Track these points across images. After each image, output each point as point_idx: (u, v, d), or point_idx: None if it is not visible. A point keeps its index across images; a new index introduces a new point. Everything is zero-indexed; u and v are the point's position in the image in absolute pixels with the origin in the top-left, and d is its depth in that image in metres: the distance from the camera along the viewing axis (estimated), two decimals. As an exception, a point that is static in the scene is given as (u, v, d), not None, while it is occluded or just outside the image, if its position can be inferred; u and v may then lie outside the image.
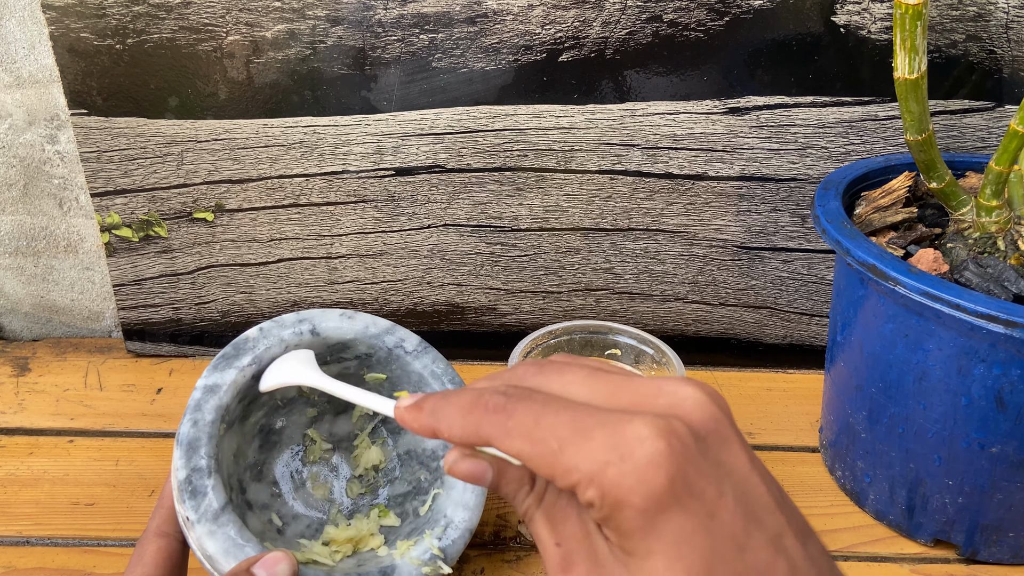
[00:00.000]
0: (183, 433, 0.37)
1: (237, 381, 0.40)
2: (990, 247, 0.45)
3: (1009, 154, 0.43)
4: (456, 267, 0.63)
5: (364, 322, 0.44)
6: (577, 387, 0.26)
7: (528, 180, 0.59)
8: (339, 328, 0.44)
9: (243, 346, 0.41)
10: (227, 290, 0.64)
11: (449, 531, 0.41)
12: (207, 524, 0.35)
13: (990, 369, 0.40)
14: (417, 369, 0.45)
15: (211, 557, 0.35)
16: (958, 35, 0.54)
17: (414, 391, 0.46)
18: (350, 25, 0.54)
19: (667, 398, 0.25)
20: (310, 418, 0.48)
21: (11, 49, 0.58)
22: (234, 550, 0.35)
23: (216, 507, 0.36)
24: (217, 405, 0.39)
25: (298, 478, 0.46)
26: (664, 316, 0.64)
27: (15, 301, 0.69)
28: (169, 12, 0.54)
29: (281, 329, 0.42)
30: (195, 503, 0.36)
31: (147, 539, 0.37)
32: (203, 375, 0.40)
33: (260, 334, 0.42)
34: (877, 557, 0.48)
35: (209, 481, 0.36)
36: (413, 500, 0.45)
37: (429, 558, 0.39)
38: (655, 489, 0.22)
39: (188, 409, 0.38)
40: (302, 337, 0.42)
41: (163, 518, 0.38)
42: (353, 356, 0.46)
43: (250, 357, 0.41)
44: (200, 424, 0.38)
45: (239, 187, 0.60)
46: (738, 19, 0.54)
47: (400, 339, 0.45)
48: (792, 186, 0.59)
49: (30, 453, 0.55)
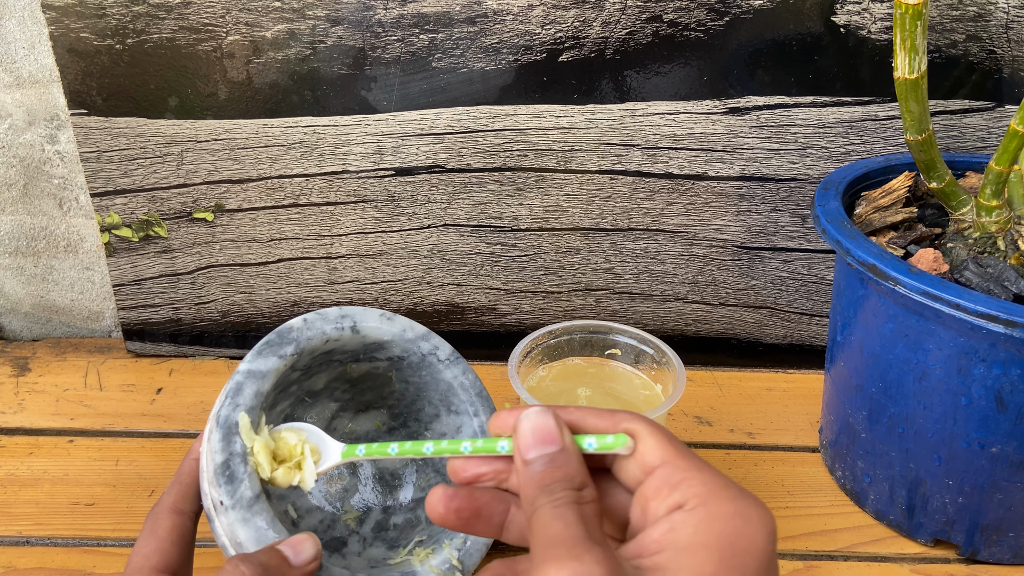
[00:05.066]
0: (223, 416, 0.36)
1: (279, 369, 0.39)
2: (990, 247, 0.45)
3: (1009, 154, 0.43)
4: (456, 267, 0.63)
5: (402, 325, 0.44)
6: None
7: (528, 180, 0.59)
8: (378, 328, 0.44)
9: (287, 335, 0.41)
10: (227, 290, 0.64)
11: (468, 543, 0.41)
12: (241, 511, 0.35)
13: (990, 369, 0.40)
14: (447, 378, 0.45)
15: (241, 544, 0.35)
16: (958, 35, 0.54)
17: (443, 399, 0.46)
18: (350, 25, 0.54)
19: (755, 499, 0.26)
20: (333, 413, 0.48)
21: (11, 49, 0.58)
22: (265, 540, 0.35)
23: (251, 495, 0.35)
24: (257, 391, 0.38)
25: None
26: (664, 316, 0.64)
27: (15, 301, 0.69)
28: (169, 12, 0.54)
29: (324, 322, 0.42)
30: (231, 488, 0.35)
31: (161, 513, 0.36)
32: (246, 360, 0.39)
33: (304, 324, 0.41)
34: (877, 557, 0.48)
35: (246, 468, 0.35)
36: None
37: (448, 568, 0.39)
38: (758, 546, 0.25)
39: (228, 392, 0.37)
40: (343, 332, 0.42)
41: (180, 495, 0.37)
42: (385, 357, 0.45)
43: (293, 347, 0.40)
44: (240, 408, 0.37)
45: (239, 187, 0.60)
46: (738, 19, 0.54)
47: (434, 346, 0.45)
48: (792, 186, 0.59)
49: (30, 453, 0.55)
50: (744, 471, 0.54)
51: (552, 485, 0.27)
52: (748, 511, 0.25)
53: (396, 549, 0.43)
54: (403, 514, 0.46)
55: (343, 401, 0.48)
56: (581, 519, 0.26)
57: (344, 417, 0.48)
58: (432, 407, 0.47)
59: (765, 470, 0.54)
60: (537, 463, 0.27)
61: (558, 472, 0.27)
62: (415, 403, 0.48)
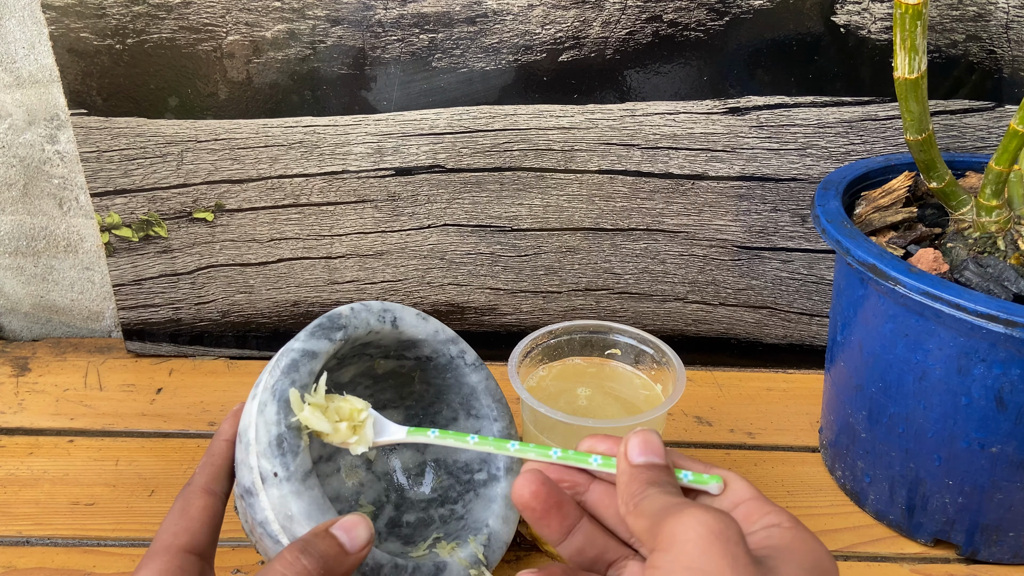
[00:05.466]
0: (280, 389, 0.36)
1: (329, 352, 0.40)
2: (990, 247, 0.45)
3: (1009, 154, 0.43)
4: (456, 267, 0.63)
5: (434, 327, 0.45)
6: None
7: (528, 180, 0.59)
8: (415, 326, 0.44)
9: (337, 320, 0.41)
10: (227, 290, 0.64)
11: (492, 540, 0.42)
12: (296, 484, 0.35)
13: (990, 369, 0.40)
14: (472, 382, 0.46)
15: (292, 517, 0.34)
16: (958, 35, 0.54)
17: (464, 402, 0.47)
18: (350, 25, 0.54)
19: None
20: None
21: (11, 49, 0.58)
22: (316, 514, 0.35)
23: (306, 469, 0.35)
24: (311, 371, 0.38)
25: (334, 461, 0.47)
26: (664, 316, 0.64)
27: (15, 301, 0.69)
28: (169, 12, 0.54)
29: (369, 313, 0.42)
30: (285, 460, 0.35)
31: (194, 493, 0.35)
32: (299, 339, 0.39)
33: (351, 313, 0.42)
34: (877, 557, 0.48)
35: (301, 443, 0.35)
36: (440, 508, 0.46)
37: (475, 561, 0.40)
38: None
39: (283, 369, 0.37)
40: (384, 325, 0.43)
41: (212, 476, 0.36)
42: (414, 357, 0.46)
43: (342, 332, 0.40)
44: (297, 385, 0.37)
45: (239, 187, 0.60)
46: (738, 19, 0.54)
47: (462, 350, 0.46)
48: (792, 186, 0.59)
49: (30, 453, 0.55)
50: (744, 471, 0.54)
51: (660, 481, 0.29)
52: (823, 546, 0.28)
53: (412, 545, 0.44)
54: (416, 512, 0.47)
55: (364, 397, 0.48)
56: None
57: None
58: (451, 410, 0.47)
59: (765, 470, 0.54)
60: (645, 468, 0.30)
61: (663, 476, 0.30)
62: (433, 405, 0.48)
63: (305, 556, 0.31)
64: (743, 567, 0.25)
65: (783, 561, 0.26)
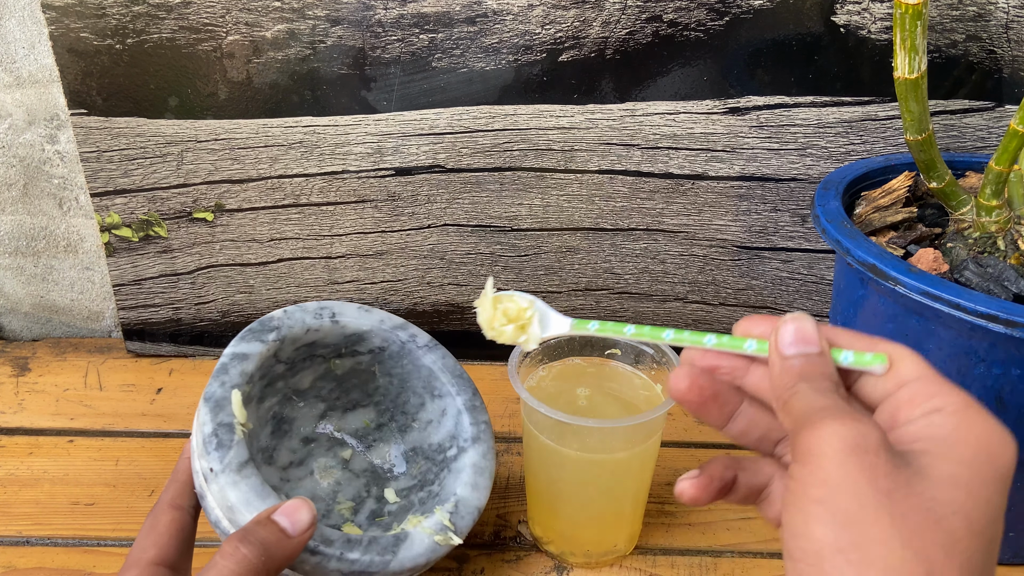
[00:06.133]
0: (210, 392, 0.39)
1: (262, 353, 0.41)
2: (990, 247, 0.45)
3: (1009, 154, 0.43)
4: (456, 267, 0.63)
5: (379, 316, 0.46)
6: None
7: (528, 180, 0.59)
8: (357, 319, 0.45)
9: (268, 323, 0.43)
10: (227, 290, 0.64)
11: (460, 507, 0.42)
12: (231, 474, 0.36)
13: (990, 369, 0.40)
14: (427, 364, 0.47)
15: (232, 507, 0.35)
16: (958, 35, 0.54)
17: (426, 385, 0.47)
18: (350, 25, 0.54)
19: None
20: (320, 412, 0.48)
21: (11, 49, 0.58)
22: (256, 501, 0.35)
23: (240, 460, 0.36)
24: (243, 371, 0.40)
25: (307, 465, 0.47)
26: (664, 316, 0.64)
27: (15, 301, 0.69)
28: (169, 12, 0.54)
29: (304, 313, 0.44)
30: (220, 454, 0.36)
31: (161, 510, 0.37)
32: (231, 345, 0.41)
33: (284, 315, 0.43)
34: (877, 557, 0.48)
35: (234, 436, 0.37)
36: (419, 492, 0.46)
37: (440, 528, 0.40)
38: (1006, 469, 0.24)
39: (215, 373, 0.39)
40: (323, 322, 0.44)
41: (177, 491, 0.38)
42: (367, 350, 0.47)
43: (275, 334, 0.42)
44: (227, 386, 0.39)
45: (239, 187, 0.60)
46: (738, 19, 0.54)
47: (412, 335, 0.47)
48: (792, 186, 0.59)
49: (30, 453, 0.55)
50: (744, 471, 0.54)
51: (812, 375, 0.27)
52: (1000, 428, 0.25)
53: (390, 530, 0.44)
54: (397, 501, 0.47)
55: (330, 400, 0.49)
56: (846, 401, 0.26)
57: (332, 416, 0.49)
58: (417, 396, 0.48)
59: (765, 470, 0.54)
60: (796, 360, 0.28)
61: (816, 369, 0.28)
62: (400, 396, 0.49)
63: (244, 544, 0.32)
64: (883, 477, 0.23)
65: (938, 457, 0.24)
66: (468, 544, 0.48)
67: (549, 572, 0.47)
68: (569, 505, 0.45)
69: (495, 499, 0.51)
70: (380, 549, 0.37)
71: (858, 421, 0.25)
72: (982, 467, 0.24)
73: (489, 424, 0.46)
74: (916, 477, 0.24)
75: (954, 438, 0.25)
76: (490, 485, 0.44)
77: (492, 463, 0.44)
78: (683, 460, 0.55)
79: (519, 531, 0.49)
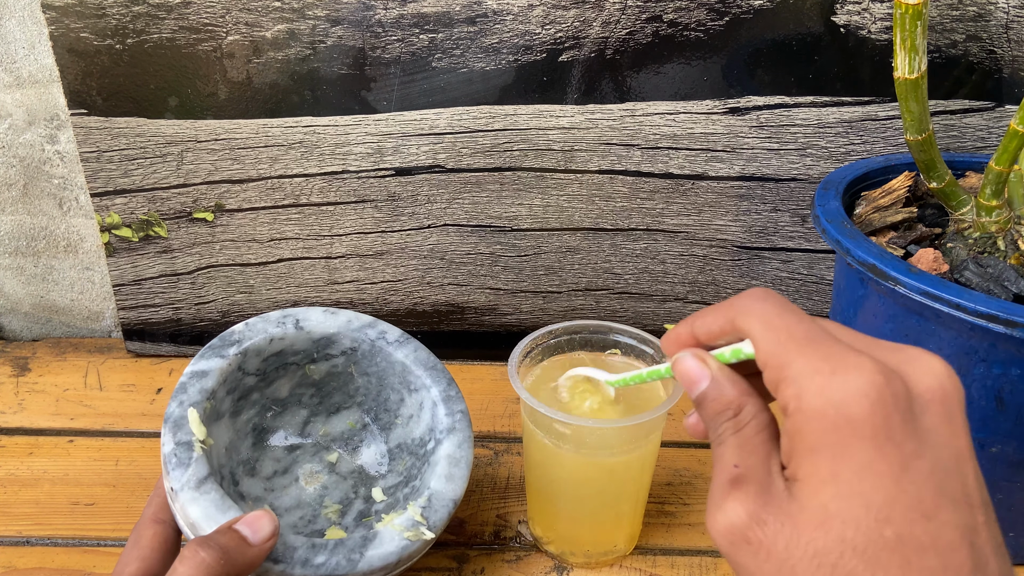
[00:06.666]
0: (169, 412, 0.39)
1: (223, 368, 0.42)
2: (990, 247, 0.45)
3: (1009, 154, 0.43)
4: (456, 267, 0.63)
5: (346, 317, 0.46)
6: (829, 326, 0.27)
7: (528, 180, 0.59)
8: (322, 323, 0.46)
9: (229, 338, 0.43)
10: (227, 290, 0.64)
11: (432, 501, 0.41)
12: (190, 492, 0.36)
13: (990, 369, 0.40)
14: (400, 358, 0.47)
15: (194, 524, 0.36)
16: (958, 35, 0.54)
17: (399, 381, 0.47)
18: (350, 25, 0.54)
19: (904, 356, 0.25)
20: (304, 419, 0.48)
21: (11, 49, 0.58)
22: (217, 515, 0.36)
23: (199, 477, 0.37)
24: (202, 388, 0.40)
25: (292, 472, 0.47)
26: (664, 316, 0.64)
27: (15, 301, 0.69)
28: (169, 12, 0.54)
29: (266, 324, 0.45)
30: (179, 473, 0.37)
31: (143, 524, 0.38)
32: (191, 363, 0.42)
33: (246, 327, 0.44)
34: (877, 557, 0.48)
35: (192, 454, 0.38)
36: (404, 488, 0.46)
37: (412, 524, 0.40)
38: (854, 413, 0.23)
39: (174, 393, 0.40)
40: (287, 330, 0.45)
41: (159, 506, 0.38)
42: (339, 352, 0.47)
43: (235, 347, 0.43)
44: (185, 405, 0.39)
45: (239, 187, 0.60)
46: (738, 19, 0.54)
47: (381, 331, 0.47)
48: (792, 186, 0.59)
49: (30, 453, 0.55)
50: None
51: (713, 419, 0.28)
52: (841, 374, 0.24)
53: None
54: (385, 500, 0.47)
55: (311, 406, 0.49)
56: (739, 449, 0.26)
57: (317, 422, 0.49)
58: (396, 393, 0.48)
59: (765, 470, 0.54)
60: (699, 402, 0.29)
61: (715, 405, 0.28)
62: (380, 393, 0.49)
63: (204, 549, 0.32)
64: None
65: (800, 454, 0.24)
66: (468, 544, 0.48)
67: (549, 572, 0.47)
68: (569, 505, 0.45)
69: (495, 499, 0.51)
70: (346, 551, 0.37)
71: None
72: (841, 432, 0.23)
73: (465, 413, 0.45)
74: (795, 504, 0.24)
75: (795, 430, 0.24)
76: (467, 475, 0.43)
77: (469, 452, 0.44)
78: (683, 460, 0.55)
79: (519, 531, 0.49)
